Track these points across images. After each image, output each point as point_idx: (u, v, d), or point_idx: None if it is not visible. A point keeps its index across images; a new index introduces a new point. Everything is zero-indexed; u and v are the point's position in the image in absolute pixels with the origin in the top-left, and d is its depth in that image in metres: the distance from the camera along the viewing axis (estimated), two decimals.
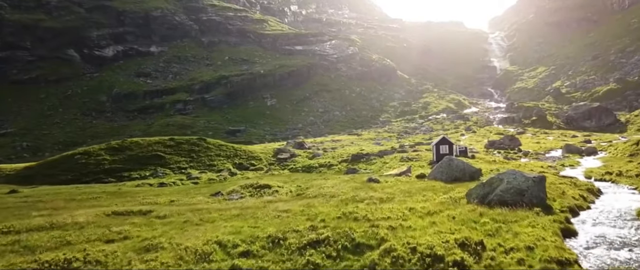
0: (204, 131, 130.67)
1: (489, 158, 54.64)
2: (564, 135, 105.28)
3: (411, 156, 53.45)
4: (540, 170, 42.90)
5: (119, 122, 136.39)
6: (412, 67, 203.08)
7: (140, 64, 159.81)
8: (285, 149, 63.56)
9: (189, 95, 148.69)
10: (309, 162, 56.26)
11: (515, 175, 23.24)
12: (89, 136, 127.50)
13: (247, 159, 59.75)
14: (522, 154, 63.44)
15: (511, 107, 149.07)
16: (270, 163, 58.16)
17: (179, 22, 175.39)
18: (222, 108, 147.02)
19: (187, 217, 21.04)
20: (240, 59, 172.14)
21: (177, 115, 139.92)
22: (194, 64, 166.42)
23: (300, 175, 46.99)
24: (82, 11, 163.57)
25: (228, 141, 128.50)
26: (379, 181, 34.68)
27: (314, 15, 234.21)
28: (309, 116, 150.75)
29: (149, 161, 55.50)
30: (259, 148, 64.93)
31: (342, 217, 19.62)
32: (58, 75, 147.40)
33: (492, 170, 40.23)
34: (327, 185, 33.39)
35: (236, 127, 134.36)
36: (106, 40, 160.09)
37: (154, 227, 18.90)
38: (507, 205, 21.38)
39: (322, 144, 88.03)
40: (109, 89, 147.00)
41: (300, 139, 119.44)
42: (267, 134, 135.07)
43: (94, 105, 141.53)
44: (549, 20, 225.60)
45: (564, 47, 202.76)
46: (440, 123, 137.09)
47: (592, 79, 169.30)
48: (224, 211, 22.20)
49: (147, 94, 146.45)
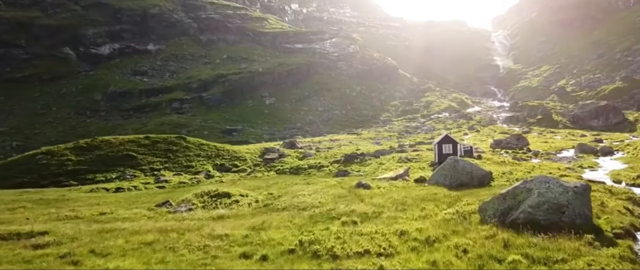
0: (199, 130, 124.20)
1: (497, 158, 47.61)
2: (571, 135, 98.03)
3: (410, 156, 46.48)
4: (558, 173, 35.87)
5: (113, 122, 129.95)
6: (414, 66, 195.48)
7: (137, 62, 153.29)
8: (273, 149, 56.61)
9: (186, 94, 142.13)
10: (298, 163, 49.49)
11: (549, 184, 16.19)
12: (80, 135, 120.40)
13: (231, 159, 52.95)
14: (532, 154, 56.27)
15: (515, 106, 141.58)
16: (256, 164, 51.46)
17: (177, 20, 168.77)
18: (219, 107, 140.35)
19: (79, 244, 14.27)
20: (239, 57, 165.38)
21: (174, 114, 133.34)
22: (192, 62, 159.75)
23: (282, 178, 40.28)
24: (79, 9, 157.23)
25: (224, 141, 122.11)
26: (370, 187, 27.91)
27: (315, 14, 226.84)
28: (308, 115, 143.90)
29: (119, 162, 48.93)
30: (246, 148, 57.88)
31: (297, 250, 12.91)
32: (53, 74, 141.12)
33: (504, 173, 33.28)
34: (305, 192, 26.58)
35: (233, 127, 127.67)
36: (102, 38, 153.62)
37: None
38: (540, 227, 14.49)
39: (319, 143, 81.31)
40: (104, 88, 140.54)
41: (294, 138, 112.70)
42: (265, 134, 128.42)
43: (88, 104, 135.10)
44: (552, 18, 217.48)
45: (568, 46, 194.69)
46: (443, 122, 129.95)
47: (597, 77, 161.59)
48: (139, 235, 15.44)
49: (143, 92, 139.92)
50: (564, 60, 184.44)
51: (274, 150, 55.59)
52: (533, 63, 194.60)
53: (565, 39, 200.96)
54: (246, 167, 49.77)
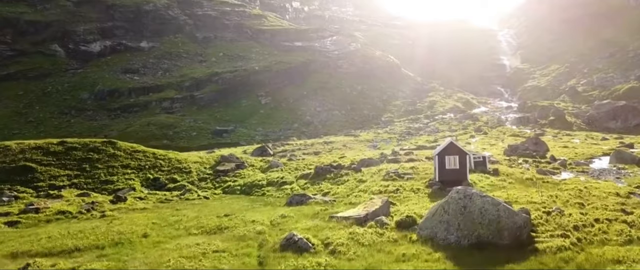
0: (187, 131, 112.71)
1: (519, 173, 35.15)
2: (590, 138, 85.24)
3: (403, 171, 34.00)
4: (620, 202, 23.40)
5: (99, 121, 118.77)
6: (418, 65, 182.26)
7: (129, 60, 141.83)
8: (231, 157, 44.16)
9: (178, 93, 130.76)
10: (257, 177, 37.44)
11: None
12: (62, 136, 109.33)
13: (170, 171, 40.63)
14: (558, 164, 43.69)
15: (524, 106, 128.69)
16: (202, 178, 39.49)
17: (173, 17, 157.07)
18: (212, 106, 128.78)
19: None
20: (236, 55, 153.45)
21: (163, 114, 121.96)
22: (187, 60, 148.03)
23: (221, 203, 28.27)
24: (70, 4, 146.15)
25: (213, 142, 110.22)
26: (309, 247, 15.65)
27: (317, 12, 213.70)
28: (305, 116, 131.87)
29: (10, 176, 36.97)
30: (195, 156, 44.98)
31: None
32: (39, 72, 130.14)
33: (546, 209, 20.75)
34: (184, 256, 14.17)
35: (224, 127, 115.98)
36: (93, 35, 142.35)
37: None
38: None
39: (304, 148, 69.24)
40: (92, 86, 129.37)
41: (289, 139, 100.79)
42: (258, 135, 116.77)
43: (74, 103, 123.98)
44: (560, 16, 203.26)
45: (577, 45, 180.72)
46: (447, 123, 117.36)
47: (610, 76, 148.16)
48: None
49: (132, 91, 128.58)
50: (573, 59, 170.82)
51: (232, 160, 43.31)
52: (541, 62, 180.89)
53: (574, 38, 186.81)
54: (186, 183, 37.66)
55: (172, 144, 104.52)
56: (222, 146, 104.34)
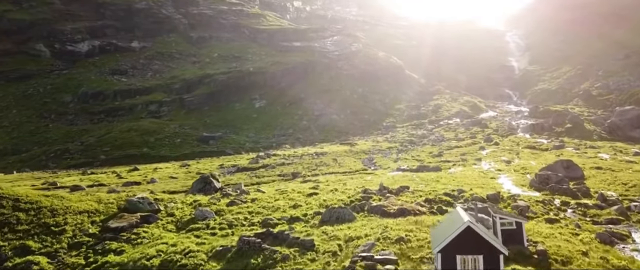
0: (171, 138, 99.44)
1: (574, 243, 21.03)
2: (619, 151, 70.68)
3: (382, 252, 19.44)
4: None
5: (79, 126, 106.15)
6: (423, 67, 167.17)
7: (118, 60, 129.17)
8: (142, 203, 28.34)
9: (167, 96, 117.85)
10: (157, 246, 21.89)
11: None
12: (36, 142, 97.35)
13: (28, 231, 25.08)
14: (615, 211, 29.59)
15: (536, 111, 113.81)
16: (77, 243, 24.47)
17: (166, 16, 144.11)
18: (201, 110, 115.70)
19: None
20: (231, 56, 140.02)
21: (148, 118, 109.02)
22: (179, 61, 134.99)
23: None
24: (58, 2, 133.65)
25: (197, 150, 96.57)
26: None
27: (319, 12, 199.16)
28: (302, 120, 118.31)
29: None
30: (93, 199, 29.51)
31: None
32: (21, 72, 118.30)
33: None
34: None
35: (212, 134, 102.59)
36: (82, 34, 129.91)
37: None
38: None
39: (286, 162, 55.79)
40: (76, 88, 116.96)
41: (285, 146, 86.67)
42: (249, 142, 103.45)
43: (55, 106, 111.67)
44: (571, 16, 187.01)
45: (589, 45, 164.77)
46: (453, 130, 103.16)
47: (627, 79, 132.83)
48: None
49: (118, 93, 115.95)
50: (586, 61, 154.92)
51: (142, 206, 28.23)
52: (551, 64, 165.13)
53: (587, 38, 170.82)
54: (40, 256, 23.25)
55: (152, 152, 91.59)
56: (206, 155, 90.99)
